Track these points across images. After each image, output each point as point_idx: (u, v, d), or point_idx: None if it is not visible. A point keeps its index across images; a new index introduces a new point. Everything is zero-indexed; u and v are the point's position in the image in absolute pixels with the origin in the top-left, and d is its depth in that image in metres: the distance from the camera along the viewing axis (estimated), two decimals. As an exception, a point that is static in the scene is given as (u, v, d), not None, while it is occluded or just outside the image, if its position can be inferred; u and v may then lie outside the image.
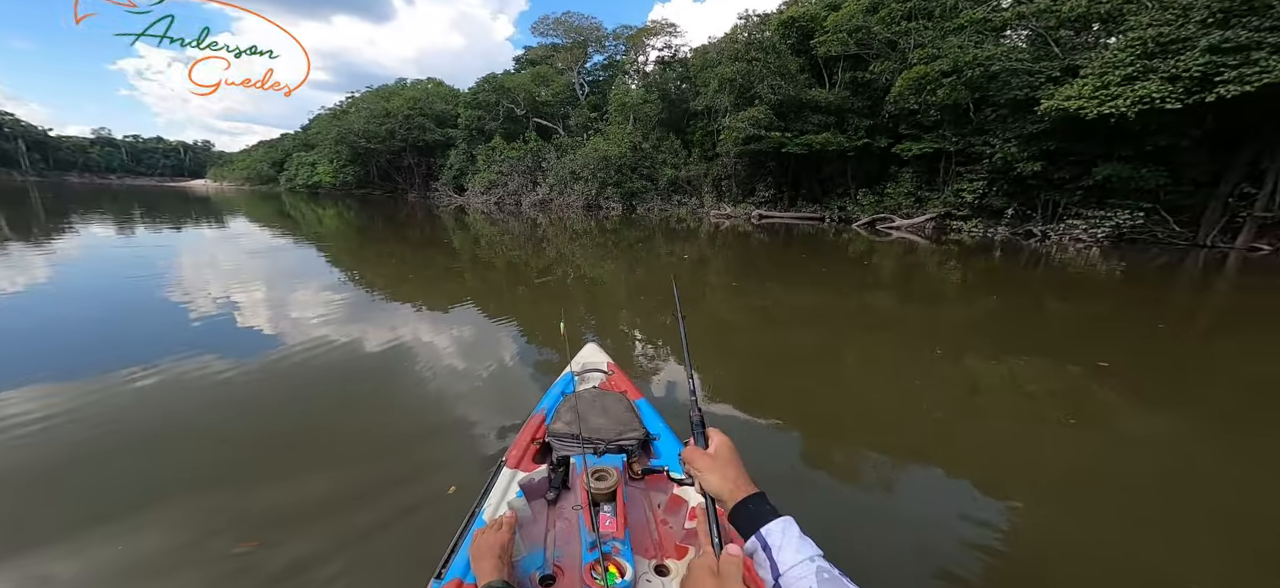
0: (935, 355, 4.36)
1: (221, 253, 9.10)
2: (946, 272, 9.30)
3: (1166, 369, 4.16)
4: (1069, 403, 3.37)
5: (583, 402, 1.70)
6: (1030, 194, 14.37)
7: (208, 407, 2.93)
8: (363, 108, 33.87)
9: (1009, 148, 13.53)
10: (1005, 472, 2.51)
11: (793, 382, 3.75)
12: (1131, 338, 5.05)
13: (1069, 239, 13.03)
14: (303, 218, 17.91)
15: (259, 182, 51.75)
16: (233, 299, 5.28)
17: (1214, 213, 11.67)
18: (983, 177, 14.70)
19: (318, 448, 2.55)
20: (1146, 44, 10.40)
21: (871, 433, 2.91)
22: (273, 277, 6.74)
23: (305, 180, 40.64)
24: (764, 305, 6.31)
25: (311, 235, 12.84)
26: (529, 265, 8.61)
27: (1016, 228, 14.62)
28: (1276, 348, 4.76)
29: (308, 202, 28.50)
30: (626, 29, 28.14)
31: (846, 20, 16.64)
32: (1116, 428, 3.09)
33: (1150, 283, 8.27)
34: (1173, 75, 9.93)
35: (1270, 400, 3.52)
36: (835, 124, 18.24)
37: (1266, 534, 2.06)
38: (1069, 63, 12.32)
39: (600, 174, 22.93)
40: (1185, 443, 2.92)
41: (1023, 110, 13.25)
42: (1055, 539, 2.04)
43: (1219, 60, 9.40)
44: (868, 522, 2.14)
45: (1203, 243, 11.69)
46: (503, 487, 1.46)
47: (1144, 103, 10.15)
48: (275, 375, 3.42)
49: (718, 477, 0.65)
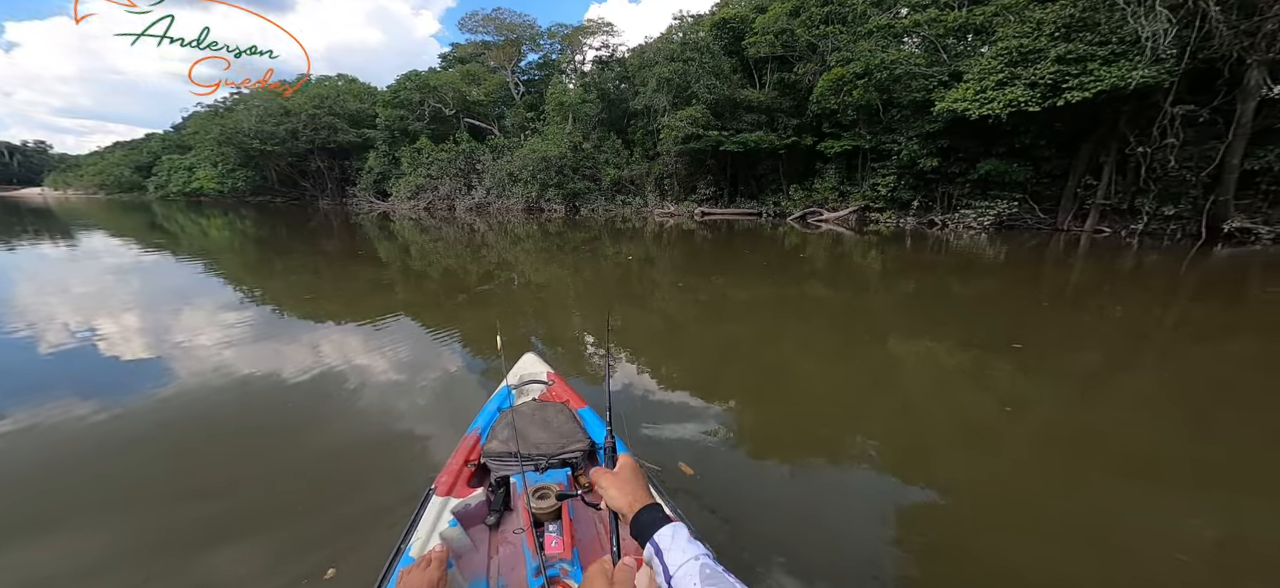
0: (865, 343, 4.63)
1: (76, 274, 7.79)
2: (869, 261, 10.14)
3: (1052, 341, 4.71)
4: (977, 377, 3.73)
5: (521, 416, 1.59)
6: (930, 187, 16.17)
7: (71, 460, 2.46)
8: (254, 105, 29.27)
9: (912, 145, 15.10)
10: (938, 453, 2.65)
11: (735, 373, 3.82)
12: (1025, 315, 5.81)
13: (963, 226, 14.83)
14: (182, 230, 15.52)
15: (119, 189, 43.18)
16: (98, 329, 4.51)
17: (1067, 201, 13.93)
18: (892, 172, 16.26)
19: (200, 502, 2.15)
20: (1012, 53, 12.09)
21: (812, 421, 3.01)
22: (150, 300, 5.85)
23: (181, 187, 34.58)
24: (709, 300, 6.39)
25: (196, 250, 11.16)
26: (466, 273, 8.13)
27: (922, 217, 16.37)
28: (1130, 317, 5.71)
29: (187, 212, 24.54)
30: (562, 27, 27.36)
31: (773, 22, 17.55)
32: (1015, 395, 3.43)
33: (1028, 264, 9.61)
34: (1032, 82, 11.64)
35: (1136, 358, 4.24)
36: (767, 123, 19.17)
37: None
38: (955, 68, 13.99)
39: (540, 175, 22.03)
40: (1081, 404, 3.30)
41: (921, 111, 14.86)
42: (991, 510, 2.20)
43: (1064, 69, 11.17)
44: (809, 503, 2.23)
45: (1062, 227, 13.89)
46: (432, 518, 1.34)
47: (1013, 106, 11.79)
48: (154, 417, 2.92)
49: (618, 492, 0.70)
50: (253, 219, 19.83)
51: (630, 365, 3.71)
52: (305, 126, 28.92)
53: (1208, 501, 2.24)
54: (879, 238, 13.20)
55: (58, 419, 2.79)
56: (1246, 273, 8.31)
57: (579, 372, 3.63)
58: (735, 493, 2.19)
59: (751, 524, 1.98)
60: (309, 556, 1.77)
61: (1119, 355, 4.31)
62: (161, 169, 37.85)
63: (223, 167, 32.08)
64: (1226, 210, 10.67)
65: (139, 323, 4.79)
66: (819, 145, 18.27)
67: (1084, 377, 3.80)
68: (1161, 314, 5.81)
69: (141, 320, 4.87)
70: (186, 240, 12.97)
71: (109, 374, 3.53)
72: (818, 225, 16.97)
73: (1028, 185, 14.29)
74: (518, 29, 28.21)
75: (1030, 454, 2.66)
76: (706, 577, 0.53)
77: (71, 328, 4.51)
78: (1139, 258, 9.74)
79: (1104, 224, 13.29)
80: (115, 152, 51.12)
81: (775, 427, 2.92)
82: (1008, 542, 1.98)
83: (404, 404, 3.06)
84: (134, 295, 6.04)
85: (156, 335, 4.38)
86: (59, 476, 2.32)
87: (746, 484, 2.33)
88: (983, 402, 3.30)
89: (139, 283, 6.83)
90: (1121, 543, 1.96)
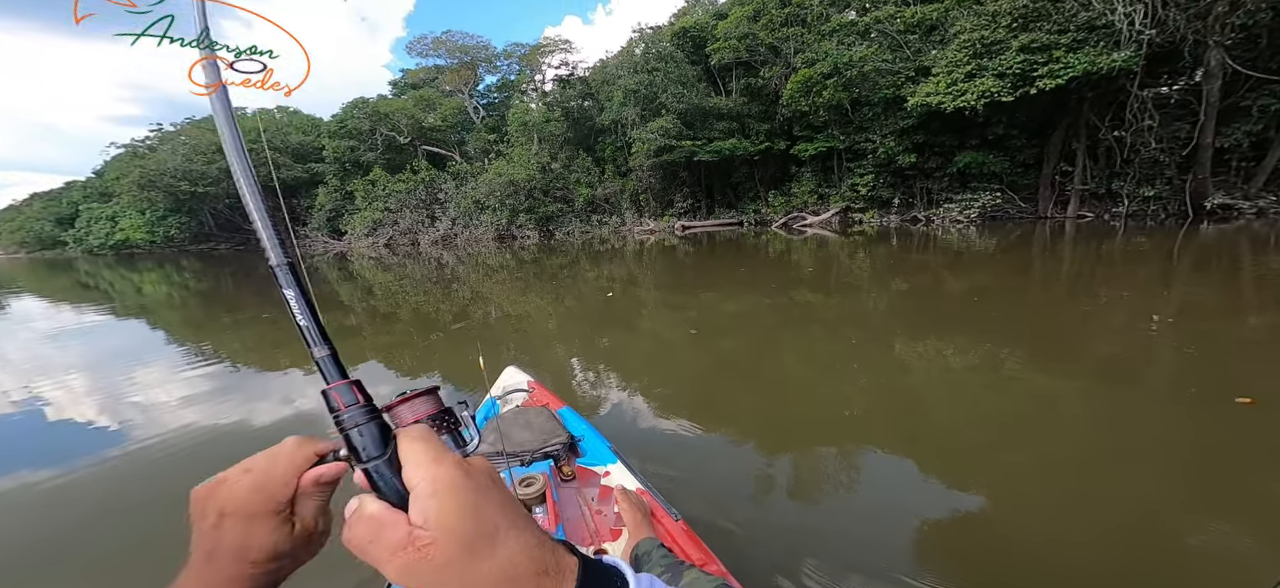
0: (877, 348, 4.34)
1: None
2: (862, 262, 9.69)
3: (1071, 330, 4.47)
4: (988, 374, 3.50)
5: (505, 422, 1.76)
6: (909, 183, 16.03)
7: (24, 539, 2.22)
8: (180, 144, 26.77)
9: (888, 142, 14.88)
10: (955, 460, 2.44)
11: (734, 388, 3.68)
12: (1038, 305, 5.56)
13: (949, 221, 14.65)
14: (112, 288, 13.98)
15: (40, 246, 39.11)
16: (38, 395, 4.22)
17: (1045, 189, 13.96)
18: (870, 171, 16.04)
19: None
20: (975, 45, 11.97)
21: (816, 430, 2.87)
22: (89, 364, 5.32)
23: (104, 239, 31.29)
24: (705, 318, 6.02)
25: (132, 309, 10.03)
26: (439, 311, 7.70)
27: (904, 214, 16.19)
28: (1140, 303, 5.34)
29: (115, 267, 22.04)
30: (519, 47, 26.52)
31: (734, 28, 17.20)
32: (1027, 391, 3.20)
33: (1022, 253, 9.36)
34: (1000, 72, 11.50)
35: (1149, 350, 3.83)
36: (738, 130, 18.76)
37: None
38: (920, 63, 13.86)
39: (509, 200, 20.87)
40: (1087, 397, 3.06)
41: (893, 107, 14.69)
42: (1009, 514, 2.04)
43: (1031, 58, 11.07)
44: (819, 511, 2.14)
45: (1044, 215, 13.88)
46: None
47: (986, 97, 11.61)
48: (121, 481, 2.73)
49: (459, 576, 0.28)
50: (192, 271, 17.93)
51: (623, 391, 3.60)
52: (245, 166, 26.60)
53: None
54: (865, 238, 12.90)
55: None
56: (1237, 247, 8.23)
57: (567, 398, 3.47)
58: (745, 515, 2.03)
59: (759, 543, 1.84)
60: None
61: (1142, 342, 3.97)
62: (82, 220, 34.26)
63: (151, 214, 29.22)
64: (1205, 188, 10.75)
65: (88, 386, 4.37)
66: (793, 149, 17.97)
67: (1115, 366, 3.55)
68: (1171, 293, 5.57)
69: (89, 384, 4.45)
70: (118, 300, 11.34)
71: (69, 441, 3.28)
72: (803, 231, 16.54)
73: (1005, 176, 14.27)
74: (471, 51, 27.09)
75: (1073, 454, 2.40)
76: None
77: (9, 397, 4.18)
78: (1128, 240, 9.64)
79: (1085, 209, 13.34)
80: (33, 205, 46.20)
81: (788, 441, 2.71)
82: (1048, 555, 1.75)
83: None
84: (72, 360, 5.51)
85: (139, 394, 4.06)
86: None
87: (756, 506, 2.17)
88: (1013, 402, 3.09)
89: (75, 349, 6.24)
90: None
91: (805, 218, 17.94)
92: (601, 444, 1.74)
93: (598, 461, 1.64)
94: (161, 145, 28.20)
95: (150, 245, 29.98)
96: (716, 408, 3.23)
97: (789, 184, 18.98)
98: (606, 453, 1.70)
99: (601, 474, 1.58)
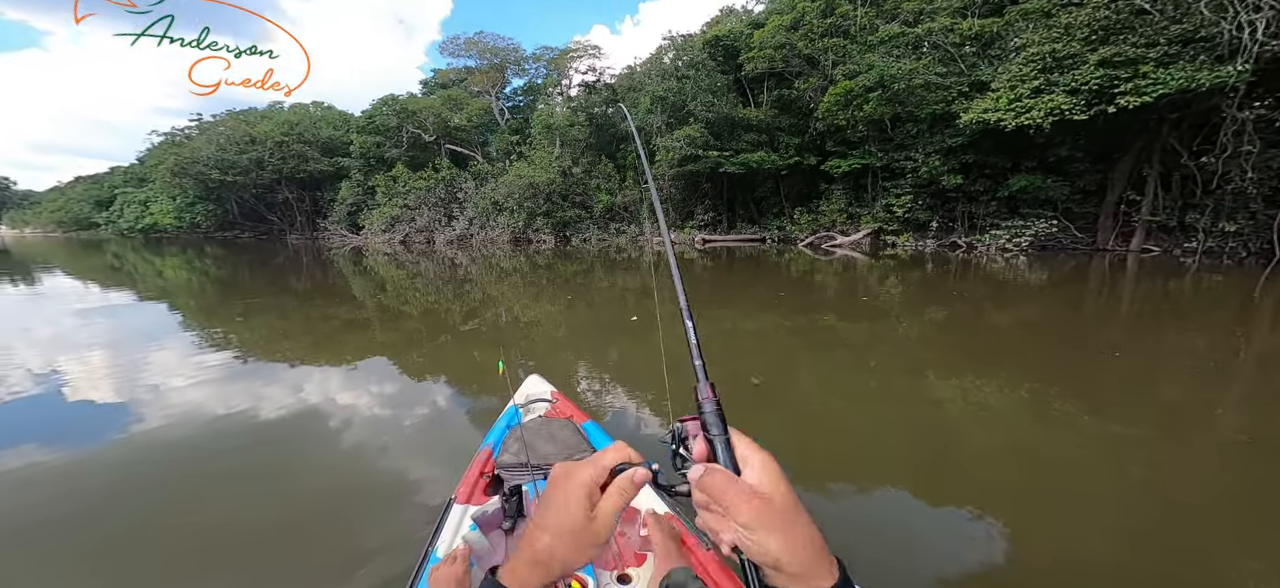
0: (903, 379, 3.89)
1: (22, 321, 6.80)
2: (890, 287, 8.64)
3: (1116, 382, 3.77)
4: (1034, 417, 3.07)
5: (529, 432, 1.73)
6: (951, 207, 14.68)
7: (39, 515, 2.17)
8: (215, 134, 26.89)
9: (932, 162, 13.61)
10: (993, 507, 2.09)
11: (761, 413, 3.29)
12: (1086, 351, 4.67)
13: (995, 249, 13.24)
14: (135, 271, 14.13)
15: (77, 226, 39.88)
16: (57, 372, 4.15)
17: (1106, 219, 12.49)
18: (908, 191, 14.75)
19: (224, 536, 2.03)
20: (1045, 59, 10.74)
21: (849, 464, 2.62)
22: (106, 343, 5.26)
23: (134, 222, 31.61)
24: (720, 336, 5.38)
25: (154, 292, 9.99)
26: (451, 312, 7.45)
27: (942, 239, 14.82)
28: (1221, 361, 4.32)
29: (140, 250, 22.07)
30: (548, 50, 26.05)
31: (771, 37, 16.27)
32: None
33: (1073, 287, 8.19)
34: (1073, 88, 10.24)
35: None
36: (767, 142, 17.73)
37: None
38: (974, 78, 12.66)
39: (528, 203, 20.09)
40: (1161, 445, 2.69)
41: (941, 124, 13.46)
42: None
43: (1112, 74, 9.79)
44: (853, 552, 1.56)
45: (1104, 247, 12.39)
46: (454, 523, 1.44)
47: (1054, 115, 10.33)
48: (128, 463, 2.67)
49: (781, 539, 0.35)
50: (214, 258, 17.63)
51: (630, 393, 3.52)
52: (272, 155, 26.60)
53: None
54: (897, 262, 11.71)
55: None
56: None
57: (577, 397, 3.37)
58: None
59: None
60: (381, 531, 1.96)
61: (1214, 390, 3.45)
62: (117, 204, 34.83)
63: (181, 200, 29.37)
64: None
65: (103, 370, 4.25)
66: (824, 165, 16.82)
67: (1182, 416, 3.10)
68: (1251, 340, 4.83)
69: (104, 364, 4.40)
70: (140, 284, 11.47)
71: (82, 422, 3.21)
72: (831, 251, 15.28)
73: (1060, 202, 12.85)
74: (502, 53, 26.81)
75: (1128, 511, 2.10)
76: None
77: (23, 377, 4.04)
78: (1201, 279, 8.32)
79: (1151, 243, 11.83)
80: (76, 187, 47.56)
81: (818, 473, 2.40)
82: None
83: (419, 429, 3.06)
84: (87, 340, 5.40)
85: (157, 377, 4.01)
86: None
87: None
88: (1062, 449, 2.70)
89: (90, 328, 6.07)
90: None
91: (834, 237, 16.67)
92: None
93: None
94: (200, 135, 28.41)
95: (177, 230, 30.09)
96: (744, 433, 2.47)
97: (817, 201, 17.79)
98: None
99: None
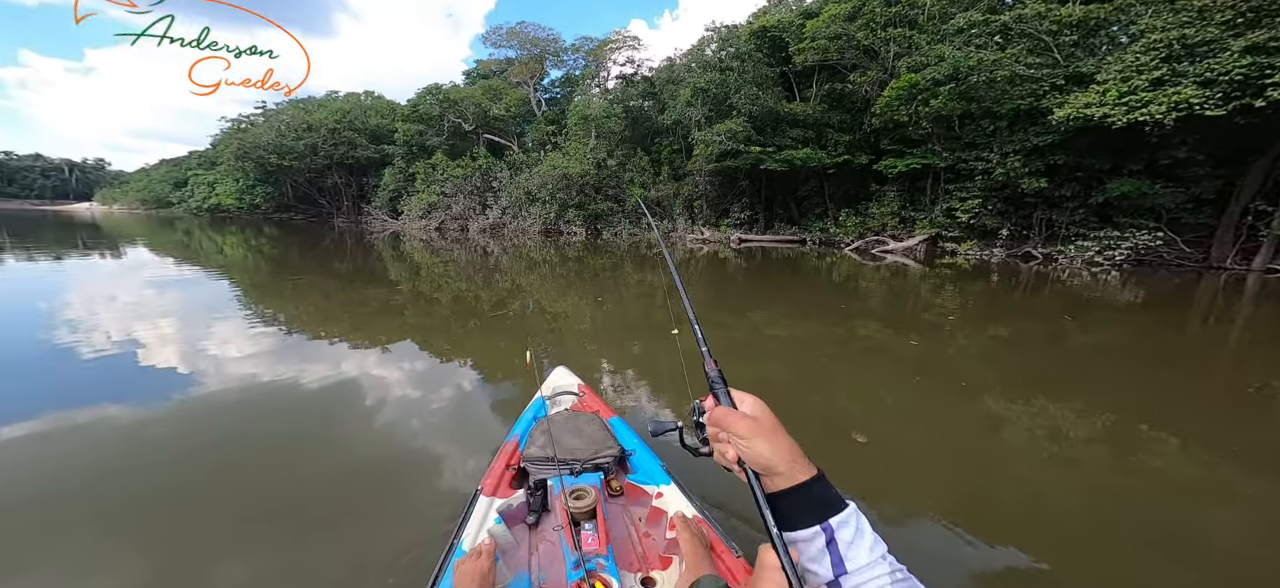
0: (969, 402, 3.34)
1: (68, 293, 6.97)
2: (950, 298, 7.52)
3: None
4: (1117, 454, 2.56)
5: (555, 425, 1.69)
6: (1027, 213, 12.93)
7: (109, 466, 2.38)
8: (277, 120, 28.06)
9: (1012, 162, 11.93)
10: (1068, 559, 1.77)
11: (810, 425, 2.90)
12: (1191, 383, 3.92)
13: (1081, 262, 11.48)
14: (200, 248, 14.81)
15: (156, 204, 43.11)
16: (117, 342, 4.34)
17: (1227, 232, 10.51)
18: (977, 194, 13.09)
19: (262, 499, 2.15)
20: (1171, 46, 9.00)
21: (901, 486, 2.31)
22: (173, 312, 5.62)
23: (202, 202, 33.51)
24: (760, 339, 5.06)
25: (216, 268, 10.39)
26: (480, 299, 7.34)
27: (1012, 249, 13.10)
28: None
29: (205, 228, 23.44)
30: (587, 40, 25.46)
31: (826, 27, 14.87)
32: None
33: (1177, 309, 6.92)
34: (1207, 79, 8.49)
35: None
36: (814, 139, 16.36)
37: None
38: (1074, 69, 10.91)
39: (560, 194, 19.61)
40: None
41: (1025, 121, 11.78)
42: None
43: (1264, 62, 8.01)
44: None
45: (1218, 264, 10.44)
46: (480, 515, 1.40)
47: (1181, 109, 8.62)
48: (192, 420, 2.91)
49: (768, 446, 0.49)
50: (269, 237, 18.59)
51: (654, 386, 3.47)
52: (325, 141, 27.48)
53: None
54: (956, 272, 10.38)
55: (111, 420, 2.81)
56: None
57: (605, 390, 3.34)
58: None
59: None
60: (408, 518, 1.93)
61: None
62: (189, 185, 37.37)
63: (243, 182, 30.95)
64: None
65: (160, 338, 4.54)
66: (876, 164, 15.31)
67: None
68: None
69: (162, 335, 4.66)
70: (203, 259, 12.12)
71: (145, 387, 3.40)
72: (881, 257, 13.87)
73: (1165, 212, 10.94)
74: (542, 43, 26.43)
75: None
76: (899, 584, 0.43)
77: (90, 341, 4.31)
78: None
79: (1278, 262, 9.83)
80: (159, 168, 51.67)
81: (864, 492, 2.13)
82: None
83: (446, 414, 3.08)
84: (148, 313, 5.63)
85: (214, 348, 4.25)
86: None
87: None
88: (1152, 492, 2.23)
89: (149, 301, 6.34)
90: None
91: (885, 242, 15.17)
92: (653, 462, 1.61)
93: (649, 479, 1.51)
94: (264, 121, 29.80)
95: (238, 210, 31.77)
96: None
97: (866, 203, 16.28)
98: (659, 472, 1.55)
99: (653, 495, 1.43)
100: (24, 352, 4.06)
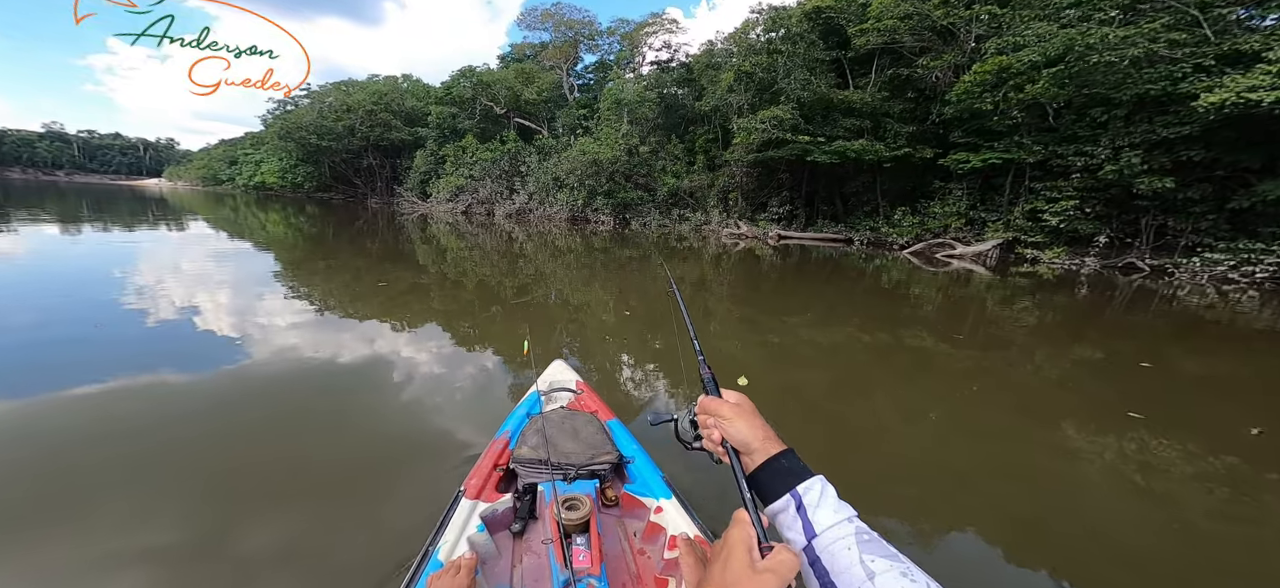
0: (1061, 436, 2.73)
1: (115, 266, 7.14)
2: (1048, 318, 5.99)
3: None
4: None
5: (550, 424, 1.55)
6: (1134, 218, 10.75)
7: (141, 432, 2.52)
8: (319, 101, 28.21)
9: (1129, 158, 9.81)
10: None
11: (838, 446, 2.66)
12: None
13: (1209, 278, 9.32)
14: (246, 224, 15.38)
15: (213, 181, 45.13)
16: (189, 308, 4.77)
17: None
18: (1072, 194, 10.98)
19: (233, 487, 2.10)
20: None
21: (953, 515, 2.05)
22: (222, 282, 6.00)
23: (249, 180, 34.65)
24: (795, 346, 4.46)
25: (262, 242, 10.77)
26: (500, 286, 7.01)
27: (1109, 259, 10.94)
28: None
29: (251, 205, 24.07)
30: (623, 22, 24.10)
31: (894, 6, 12.93)
32: None
33: None
34: None
35: None
36: (870, 130, 14.46)
37: None
38: (1228, 46, 8.70)
39: (589, 181, 18.47)
40: None
41: (1152, 109, 9.62)
42: None
43: None
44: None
45: None
46: (461, 521, 1.26)
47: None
48: (243, 384, 3.12)
49: (746, 425, 0.56)
50: (308, 216, 19.09)
51: (656, 385, 3.40)
52: (362, 123, 27.41)
53: None
54: (1037, 282, 8.76)
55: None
56: None
57: (605, 387, 3.19)
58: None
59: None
60: (378, 517, 1.83)
61: None
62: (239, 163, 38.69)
63: (285, 161, 31.50)
64: None
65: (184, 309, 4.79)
66: (942, 159, 13.32)
67: None
68: None
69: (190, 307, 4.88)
70: (248, 234, 12.62)
71: (179, 358, 3.55)
72: (945, 261, 11.99)
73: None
74: (577, 26, 25.27)
75: None
76: (865, 543, 0.44)
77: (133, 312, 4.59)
78: None
79: None
80: (218, 148, 54.27)
81: (898, 514, 1.99)
82: None
83: (437, 399, 2.99)
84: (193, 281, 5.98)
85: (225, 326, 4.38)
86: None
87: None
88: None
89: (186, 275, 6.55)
90: None
91: (951, 246, 13.19)
92: (653, 473, 1.46)
93: (647, 491, 1.37)
94: (308, 103, 30.10)
95: (281, 188, 32.42)
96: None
97: (927, 202, 14.28)
98: (659, 485, 1.41)
99: (651, 508, 1.30)
100: (105, 315, 4.41)
